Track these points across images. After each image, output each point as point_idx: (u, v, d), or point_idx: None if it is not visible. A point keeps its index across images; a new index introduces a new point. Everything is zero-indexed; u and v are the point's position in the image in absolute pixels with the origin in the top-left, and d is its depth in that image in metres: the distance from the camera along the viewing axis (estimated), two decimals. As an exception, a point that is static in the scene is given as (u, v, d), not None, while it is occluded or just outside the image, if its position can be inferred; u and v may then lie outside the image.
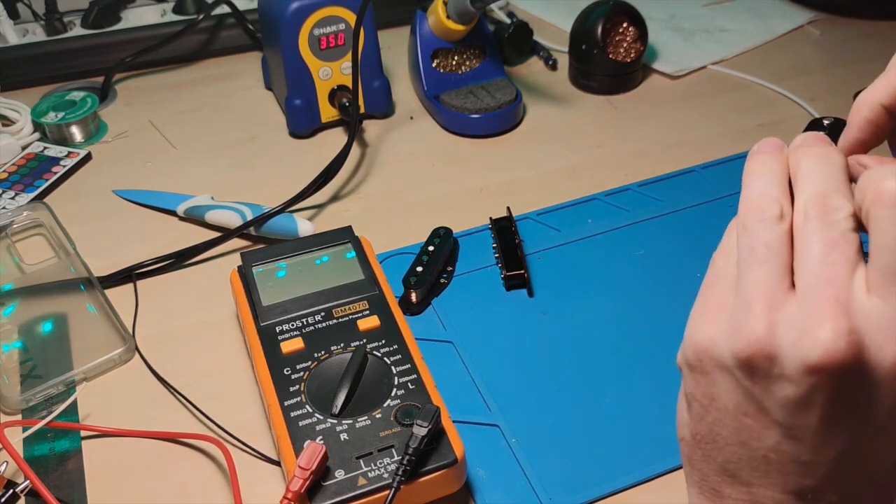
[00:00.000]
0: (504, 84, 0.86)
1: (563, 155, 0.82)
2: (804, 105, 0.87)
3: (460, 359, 0.60)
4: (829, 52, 0.98)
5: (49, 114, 0.84)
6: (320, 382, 0.51)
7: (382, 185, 0.78)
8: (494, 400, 0.56)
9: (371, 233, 0.65)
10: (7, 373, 0.59)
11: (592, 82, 0.91)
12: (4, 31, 0.93)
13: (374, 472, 0.46)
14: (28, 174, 0.79)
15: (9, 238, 0.71)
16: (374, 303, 0.57)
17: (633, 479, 0.51)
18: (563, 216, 0.73)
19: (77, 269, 0.66)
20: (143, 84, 0.95)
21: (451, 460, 0.47)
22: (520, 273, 0.65)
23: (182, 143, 0.85)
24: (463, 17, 0.82)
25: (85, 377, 0.59)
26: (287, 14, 0.78)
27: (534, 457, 0.53)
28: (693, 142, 0.82)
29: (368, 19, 0.81)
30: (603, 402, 0.56)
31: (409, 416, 0.49)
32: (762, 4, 1.07)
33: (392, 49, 0.95)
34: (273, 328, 0.55)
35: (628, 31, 0.89)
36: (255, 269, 0.59)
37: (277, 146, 0.84)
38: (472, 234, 0.71)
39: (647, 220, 0.72)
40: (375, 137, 0.85)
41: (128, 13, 0.99)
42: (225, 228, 0.71)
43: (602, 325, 0.62)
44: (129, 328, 0.63)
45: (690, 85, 0.93)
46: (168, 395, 0.58)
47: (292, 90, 0.82)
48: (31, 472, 0.47)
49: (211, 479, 0.53)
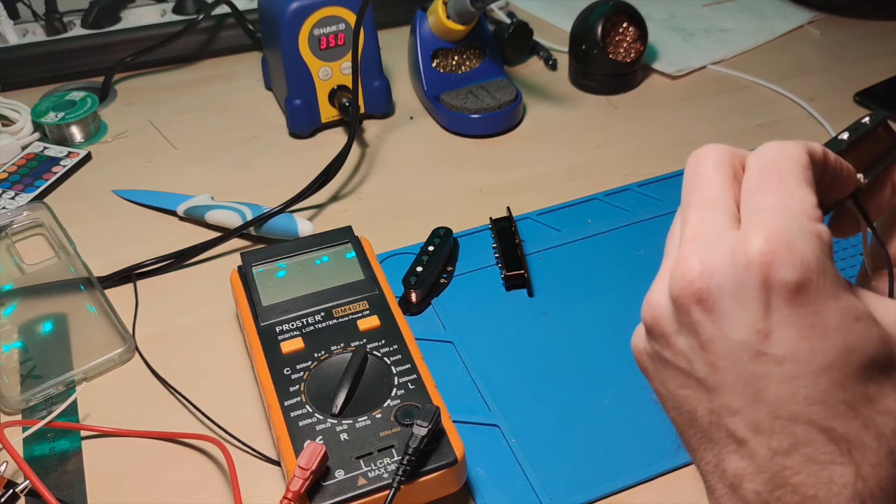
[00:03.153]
0: (504, 84, 0.86)
1: (563, 155, 0.82)
2: (804, 105, 0.87)
3: (460, 359, 0.60)
4: (829, 52, 0.98)
5: (49, 114, 0.84)
6: (320, 382, 0.51)
7: (382, 185, 0.78)
8: (494, 400, 0.56)
9: (371, 233, 0.65)
10: (7, 373, 0.59)
11: (592, 82, 0.91)
12: (4, 31, 0.93)
13: (374, 472, 0.46)
14: (28, 174, 0.79)
15: (9, 238, 0.71)
16: (374, 303, 0.57)
17: (633, 479, 0.51)
18: (563, 216, 0.73)
19: (77, 269, 0.66)
20: (143, 84, 0.95)
21: (451, 460, 0.47)
22: (520, 273, 0.65)
23: (182, 143, 0.85)
24: (463, 17, 0.82)
25: (85, 377, 0.59)
26: (287, 14, 0.78)
27: (534, 457, 0.53)
28: (693, 142, 0.82)
29: (368, 19, 0.81)
30: (603, 402, 0.56)
31: (409, 416, 0.49)
32: (762, 4, 1.07)
33: (392, 49, 0.95)
34: (273, 328, 0.55)
35: (628, 31, 0.89)
36: (255, 269, 0.59)
37: (277, 146, 0.84)
38: (472, 234, 0.71)
39: (647, 220, 0.72)
40: (375, 137, 0.85)
41: (128, 13, 0.99)
42: (225, 228, 0.71)
43: (602, 325, 0.62)
44: (129, 328, 0.63)
45: (690, 85, 0.93)
46: (168, 395, 0.58)
47: (292, 90, 0.82)
48: (31, 472, 0.47)
49: (211, 479, 0.53)
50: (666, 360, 0.32)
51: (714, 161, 0.32)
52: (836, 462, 0.28)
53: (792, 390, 0.28)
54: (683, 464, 0.52)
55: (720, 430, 0.30)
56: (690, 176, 0.33)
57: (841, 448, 0.28)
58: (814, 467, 0.29)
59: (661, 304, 0.32)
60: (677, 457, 0.52)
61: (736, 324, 0.29)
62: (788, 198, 0.30)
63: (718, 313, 0.29)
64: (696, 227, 0.31)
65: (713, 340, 0.30)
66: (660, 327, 0.32)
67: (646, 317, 0.33)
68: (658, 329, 0.32)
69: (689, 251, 0.30)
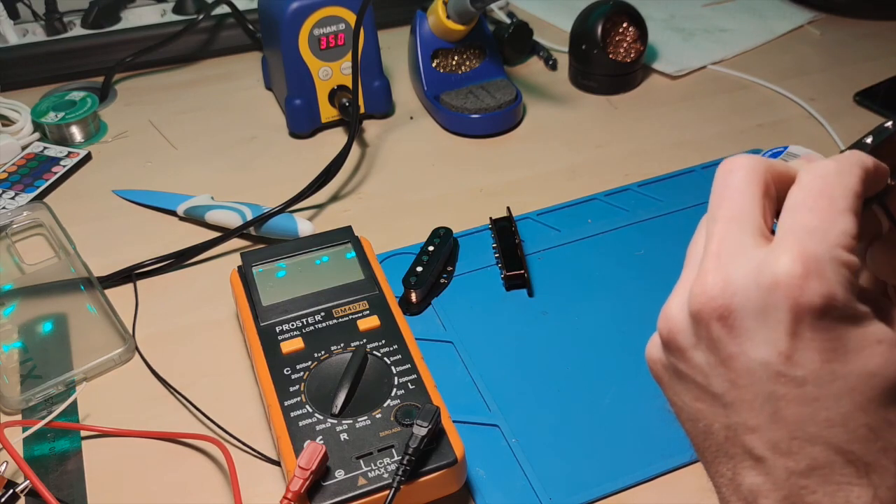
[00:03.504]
0: (504, 84, 0.86)
1: (563, 155, 0.82)
2: (804, 105, 0.87)
3: (460, 359, 0.60)
4: (829, 52, 0.98)
5: (49, 114, 0.84)
6: (320, 382, 0.51)
7: (382, 185, 0.78)
8: (494, 400, 0.56)
9: (371, 233, 0.65)
10: (7, 373, 0.59)
11: (592, 82, 0.91)
12: (4, 31, 0.93)
13: (374, 472, 0.46)
14: (28, 174, 0.79)
15: (9, 238, 0.71)
16: (374, 303, 0.57)
17: (633, 479, 0.51)
18: (563, 216, 0.73)
19: (77, 269, 0.66)
20: (143, 84, 0.95)
21: (451, 460, 0.47)
22: (520, 273, 0.65)
23: (182, 143, 0.85)
24: (463, 17, 0.82)
25: (85, 377, 0.59)
26: (287, 14, 0.78)
27: (534, 457, 0.53)
28: (693, 142, 0.82)
29: (368, 19, 0.81)
30: (603, 402, 0.56)
31: (409, 416, 0.49)
32: (762, 4, 1.07)
33: (392, 49, 0.95)
34: (273, 328, 0.55)
35: (628, 31, 0.89)
36: (255, 269, 0.59)
37: (277, 146, 0.84)
38: (472, 234, 0.71)
39: (647, 220, 0.72)
40: (375, 137, 0.85)
41: (128, 13, 0.99)
42: (225, 228, 0.71)
43: (602, 325, 0.62)
44: (129, 328, 0.63)
45: (690, 85, 0.93)
46: (168, 395, 0.58)
47: (292, 90, 0.82)
48: (31, 472, 0.47)
49: (211, 479, 0.53)
50: (682, 373, 0.32)
51: (745, 174, 0.31)
52: (853, 483, 0.28)
53: (812, 412, 0.28)
54: (683, 464, 0.52)
55: (736, 445, 0.30)
56: (720, 187, 0.32)
57: (859, 470, 0.28)
58: (830, 488, 0.29)
59: (679, 318, 0.31)
60: (677, 457, 0.52)
61: (757, 343, 0.29)
62: (831, 224, 0.29)
63: (739, 331, 0.29)
64: (721, 242, 0.30)
65: (733, 358, 0.29)
66: (676, 341, 0.32)
67: (662, 329, 0.32)
68: (674, 342, 0.32)
69: (713, 266, 0.30)
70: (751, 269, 0.29)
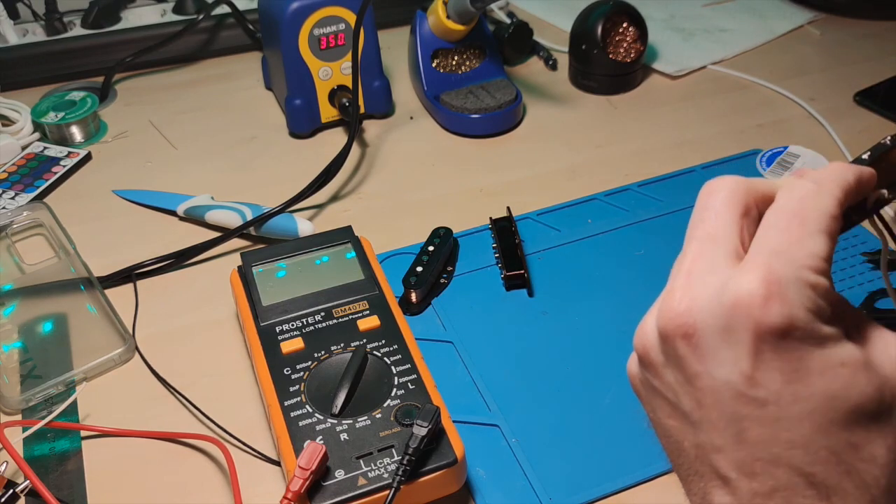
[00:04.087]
0: (504, 84, 0.86)
1: (563, 155, 0.82)
2: (804, 105, 0.87)
3: (460, 359, 0.60)
4: (829, 52, 0.98)
5: (49, 114, 0.84)
6: (320, 382, 0.51)
7: (382, 185, 0.78)
8: (494, 400, 0.56)
9: (371, 233, 0.65)
10: (7, 373, 0.59)
11: (592, 82, 0.91)
12: (4, 31, 0.93)
13: (374, 472, 0.46)
14: (28, 174, 0.79)
15: (9, 238, 0.71)
16: (374, 303, 0.57)
17: (633, 479, 0.51)
18: (563, 216, 0.73)
19: (77, 269, 0.66)
20: (143, 84, 0.95)
21: (451, 460, 0.47)
22: (520, 273, 0.65)
23: (182, 143, 0.85)
24: (463, 17, 0.82)
25: (85, 377, 0.59)
26: (287, 14, 0.78)
27: (534, 457, 0.53)
28: (693, 142, 0.82)
29: (368, 19, 0.81)
30: (603, 402, 0.56)
31: (409, 416, 0.49)
32: (762, 4, 1.07)
33: (392, 49, 0.95)
34: (273, 328, 0.55)
35: (628, 31, 0.89)
36: (255, 269, 0.59)
37: (277, 146, 0.84)
38: (472, 234, 0.71)
39: (647, 220, 0.72)
40: (375, 137, 0.85)
41: (128, 13, 0.99)
42: (225, 228, 0.71)
43: (602, 325, 0.62)
44: (129, 328, 0.63)
45: (690, 85, 0.93)
46: (168, 395, 0.58)
47: (292, 90, 0.82)
48: (31, 472, 0.47)
49: (211, 479, 0.53)
50: (656, 389, 0.32)
51: (725, 195, 0.32)
52: None
53: (774, 433, 0.28)
54: (683, 464, 0.52)
55: (705, 464, 0.31)
56: (699, 208, 0.32)
57: (821, 493, 0.28)
58: None
59: (650, 335, 0.32)
60: (677, 457, 0.52)
61: (720, 362, 0.29)
62: (800, 245, 0.29)
63: (703, 350, 0.29)
64: (694, 261, 0.31)
65: (698, 376, 0.30)
66: (649, 357, 0.32)
67: (637, 345, 0.33)
68: (647, 359, 0.32)
69: (681, 285, 0.30)
70: (716, 288, 0.29)
